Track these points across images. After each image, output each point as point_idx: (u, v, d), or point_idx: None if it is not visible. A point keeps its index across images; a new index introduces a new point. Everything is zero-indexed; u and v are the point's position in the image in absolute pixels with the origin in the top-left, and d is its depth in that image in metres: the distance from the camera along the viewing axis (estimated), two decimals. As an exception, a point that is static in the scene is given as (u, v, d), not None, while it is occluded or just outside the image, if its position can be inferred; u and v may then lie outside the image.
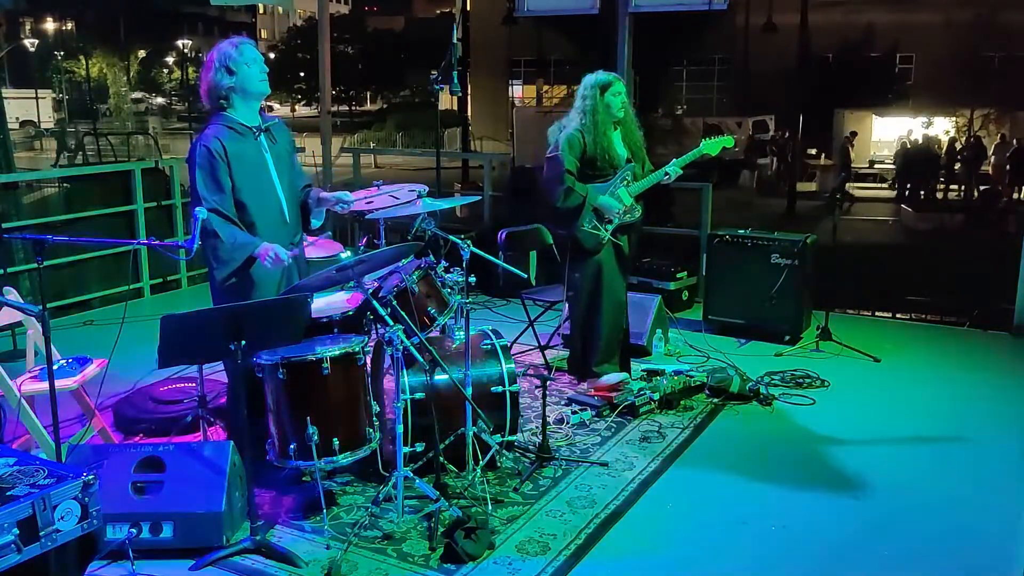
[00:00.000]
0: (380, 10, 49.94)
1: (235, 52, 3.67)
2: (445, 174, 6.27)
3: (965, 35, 22.23)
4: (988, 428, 4.70)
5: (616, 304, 5.07)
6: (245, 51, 3.69)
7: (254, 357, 3.50)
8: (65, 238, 3.83)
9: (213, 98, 3.73)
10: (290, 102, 44.63)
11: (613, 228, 4.96)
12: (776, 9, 24.04)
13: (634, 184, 4.98)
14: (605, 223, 4.94)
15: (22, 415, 3.81)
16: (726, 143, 5.00)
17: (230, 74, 3.67)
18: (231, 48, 3.69)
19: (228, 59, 3.66)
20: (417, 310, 3.91)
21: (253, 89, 3.73)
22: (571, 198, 4.86)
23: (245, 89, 3.71)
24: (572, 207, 4.87)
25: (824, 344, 5.93)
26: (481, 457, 3.93)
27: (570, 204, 4.87)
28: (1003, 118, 23.55)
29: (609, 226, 4.94)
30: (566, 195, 4.85)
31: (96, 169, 9.70)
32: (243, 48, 3.70)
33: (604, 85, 4.86)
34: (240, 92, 3.71)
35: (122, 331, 3.74)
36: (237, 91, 3.70)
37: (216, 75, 3.67)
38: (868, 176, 23.51)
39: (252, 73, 3.71)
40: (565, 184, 4.83)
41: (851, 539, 3.57)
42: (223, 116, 3.72)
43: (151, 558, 3.29)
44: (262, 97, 3.81)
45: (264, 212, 3.75)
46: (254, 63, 3.71)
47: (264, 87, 3.76)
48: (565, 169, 4.83)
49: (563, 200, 4.86)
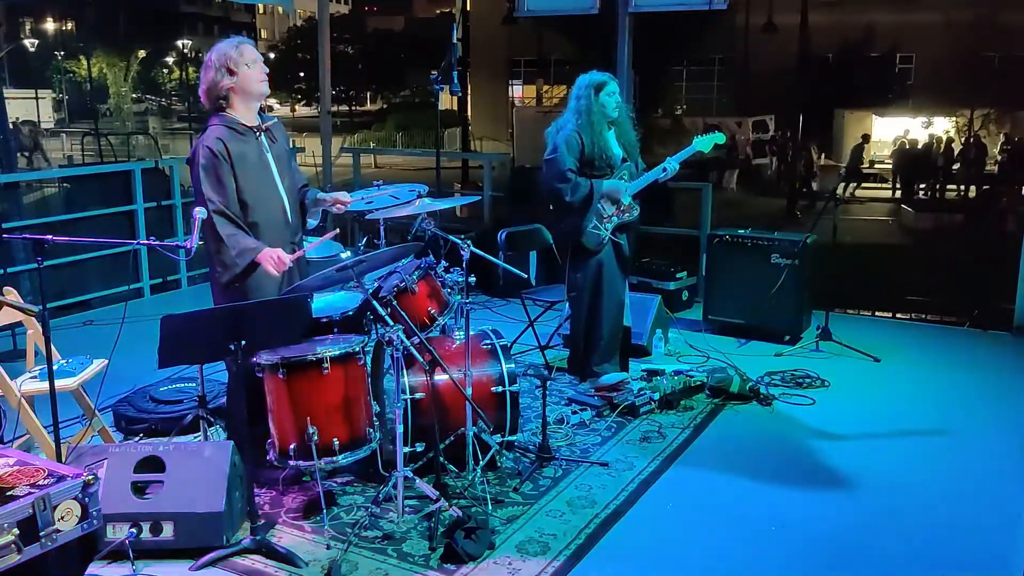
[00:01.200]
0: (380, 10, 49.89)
1: (235, 52, 3.67)
2: (445, 174, 6.28)
3: (965, 35, 22.20)
4: (988, 428, 4.70)
5: (617, 303, 5.07)
6: (245, 51, 3.69)
7: (254, 357, 3.50)
8: (65, 238, 3.83)
9: (212, 98, 3.73)
10: (290, 102, 44.60)
11: (612, 227, 4.97)
12: (776, 9, 24.04)
13: (631, 184, 4.98)
14: (605, 222, 4.94)
15: (22, 415, 3.81)
16: (717, 140, 5.03)
17: (231, 74, 3.67)
18: (231, 48, 3.68)
19: (228, 59, 3.66)
20: (417, 310, 3.92)
21: (253, 90, 3.73)
22: (579, 190, 4.86)
23: (245, 89, 3.71)
24: (582, 198, 4.87)
25: (824, 344, 5.93)
26: (481, 457, 3.93)
27: (580, 196, 4.86)
28: (1003, 118, 23.54)
29: (609, 225, 4.95)
30: (574, 190, 4.85)
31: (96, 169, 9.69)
32: (243, 48, 3.69)
33: (599, 85, 4.86)
34: (240, 92, 3.71)
35: (122, 331, 3.74)
36: (237, 91, 3.70)
37: (216, 75, 3.67)
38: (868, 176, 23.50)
39: (252, 74, 3.70)
40: (571, 180, 4.84)
41: (851, 539, 3.57)
42: (223, 116, 3.72)
43: (151, 558, 3.29)
44: (262, 98, 3.81)
45: (267, 212, 3.75)
46: (254, 63, 3.71)
47: (264, 88, 3.75)
48: (567, 168, 4.83)
49: (572, 194, 4.85)
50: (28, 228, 6.56)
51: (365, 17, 48.05)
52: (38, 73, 36.71)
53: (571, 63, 28.16)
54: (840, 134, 25.70)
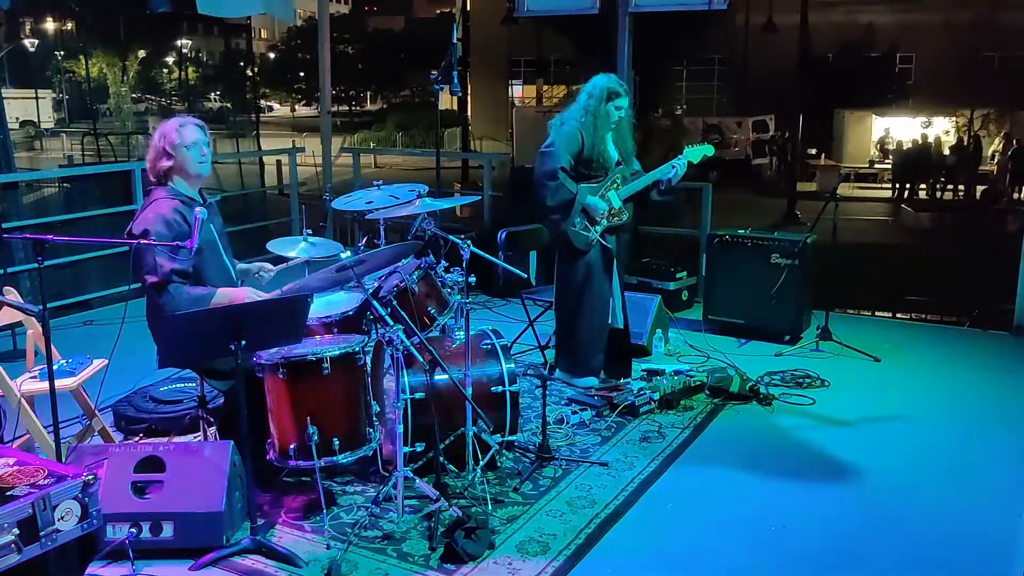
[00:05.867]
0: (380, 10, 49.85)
1: (175, 135, 3.76)
2: (445, 174, 6.28)
3: (965, 35, 22.20)
4: (988, 428, 4.70)
5: (601, 303, 5.07)
6: (186, 134, 3.77)
7: (254, 357, 3.50)
8: (65, 238, 3.84)
9: (156, 173, 3.82)
10: (290, 102, 44.58)
11: (602, 230, 4.98)
12: (776, 9, 24.02)
13: (623, 187, 5.00)
14: (594, 224, 4.95)
15: (22, 415, 3.81)
16: (706, 151, 5.04)
17: (168, 157, 3.76)
18: (172, 130, 3.77)
19: (168, 141, 3.75)
20: (417, 310, 3.92)
21: (191, 170, 3.81)
22: (560, 193, 4.86)
23: (184, 170, 3.80)
24: (561, 203, 4.88)
25: (824, 344, 5.93)
26: (481, 457, 3.93)
27: (559, 200, 4.87)
28: (1003, 118, 23.54)
29: (598, 227, 4.96)
30: (555, 192, 4.86)
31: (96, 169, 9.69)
32: (184, 131, 3.77)
33: (611, 94, 4.85)
34: (180, 172, 3.80)
35: (122, 331, 3.74)
36: (176, 172, 3.79)
37: (156, 155, 3.78)
38: (868, 176, 23.51)
39: (190, 156, 3.78)
40: (558, 180, 4.84)
41: (851, 538, 3.58)
42: (168, 188, 3.80)
43: (151, 558, 3.29)
44: (200, 179, 3.88)
45: (219, 282, 3.82)
46: (194, 146, 3.78)
47: (203, 169, 3.83)
48: (559, 167, 4.83)
49: (552, 198, 4.87)
50: (28, 228, 6.55)
51: (365, 17, 48.02)
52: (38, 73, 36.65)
53: (571, 63, 28.19)
54: (840, 134, 25.69)
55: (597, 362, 5.11)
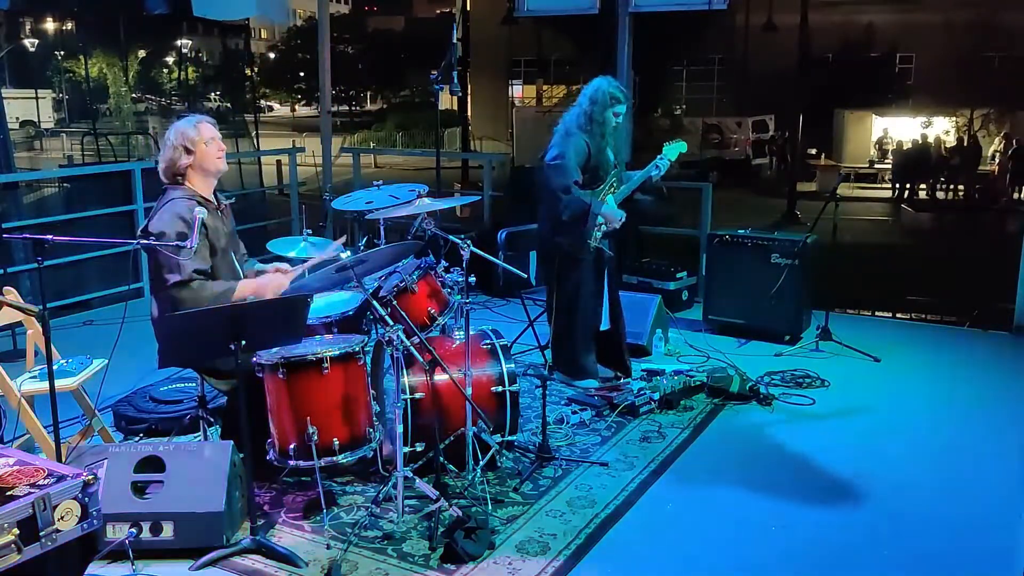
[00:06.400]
0: (380, 10, 49.81)
1: (193, 131, 3.77)
2: (445, 174, 6.28)
3: (965, 35, 22.20)
4: (988, 428, 4.70)
5: (593, 304, 5.10)
6: (203, 130, 3.79)
7: (254, 357, 3.50)
8: (65, 238, 3.84)
9: (170, 174, 3.81)
10: (290, 102, 44.54)
11: (600, 235, 4.98)
12: (776, 9, 24.01)
13: (619, 191, 5.01)
14: (595, 230, 4.96)
15: (22, 415, 3.81)
16: (680, 148, 5.08)
17: (188, 153, 3.76)
18: (189, 127, 3.78)
19: (186, 138, 3.76)
20: (417, 310, 3.92)
21: (211, 166, 3.82)
22: (573, 208, 4.87)
23: (203, 167, 3.80)
24: (573, 216, 4.88)
25: (824, 344, 5.93)
26: (481, 457, 3.93)
27: (571, 214, 4.88)
28: (1003, 118, 23.54)
29: (598, 232, 4.96)
30: (568, 206, 4.86)
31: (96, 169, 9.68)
32: (201, 127, 3.80)
33: (613, 100, 4.85)
34: (198, 169, 3.80)
35: (122, 331, 3.74)
36: (196, 168, 3.80)
37: (174, 153, 3.77)
38: (868, 176, 23.51)
39: (210, 151, 3.79)
40: (572, 195, 4.84)
41: (851, 538, 3.57)
42: (183, 188, 3.79)
43: (151, 558, 3.29)
44: (219, 174, 3.89)
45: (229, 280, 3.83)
46: (212, 141, 3.80)
47: (222, 164, 3.85)
48: (573, 181, 4.84)
49: (568, 213, 4.87)
50: (28, 228, 6.55)
51: (365, 17, 47.97)
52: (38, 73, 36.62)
53: (571, 63, 28.18)
54: (840, 134, 25.68)
55: (590, 363, 5.13)
